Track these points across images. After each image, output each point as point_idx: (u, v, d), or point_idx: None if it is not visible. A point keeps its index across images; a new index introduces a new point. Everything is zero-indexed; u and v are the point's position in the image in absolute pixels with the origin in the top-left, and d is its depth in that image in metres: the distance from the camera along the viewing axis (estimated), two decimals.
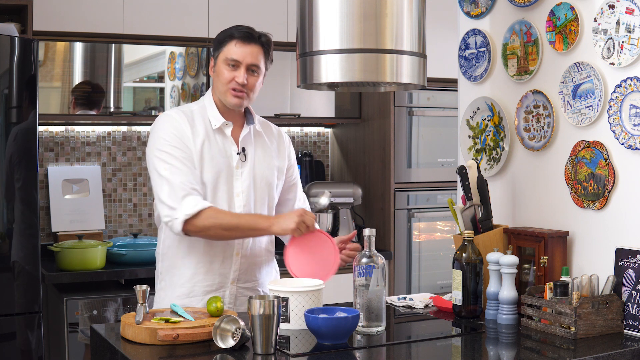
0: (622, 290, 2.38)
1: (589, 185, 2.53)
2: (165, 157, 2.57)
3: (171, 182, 2.53)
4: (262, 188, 2.71)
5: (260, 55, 2.65)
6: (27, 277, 3.23)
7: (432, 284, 4.54)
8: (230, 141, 2.67)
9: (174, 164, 2.56)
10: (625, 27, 2.42)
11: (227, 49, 2.62)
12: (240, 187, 2.66)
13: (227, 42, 2.63)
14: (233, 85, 2.61)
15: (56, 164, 4.17)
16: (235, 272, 2.67)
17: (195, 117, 2.66)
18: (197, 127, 2.63)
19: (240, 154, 2.67)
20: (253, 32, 2.64)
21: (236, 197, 2.65)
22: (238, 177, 2.66)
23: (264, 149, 2.74)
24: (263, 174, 2.71)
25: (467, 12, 2.97)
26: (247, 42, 2.62)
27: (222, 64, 2.63)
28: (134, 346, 2.20)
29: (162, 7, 4.06)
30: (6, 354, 3.22)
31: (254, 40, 2.63)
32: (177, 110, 2.68)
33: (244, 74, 2.61)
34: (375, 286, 2.32)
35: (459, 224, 2.70)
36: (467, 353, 2.32)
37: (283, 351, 2.14)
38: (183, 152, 2.58)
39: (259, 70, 2.65)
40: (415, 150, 4.51)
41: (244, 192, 2.66)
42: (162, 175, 2.55)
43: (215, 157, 2.63)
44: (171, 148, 2.58)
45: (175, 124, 2.62)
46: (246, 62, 2.61)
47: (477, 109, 2.92)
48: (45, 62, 3.90)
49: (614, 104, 2.46)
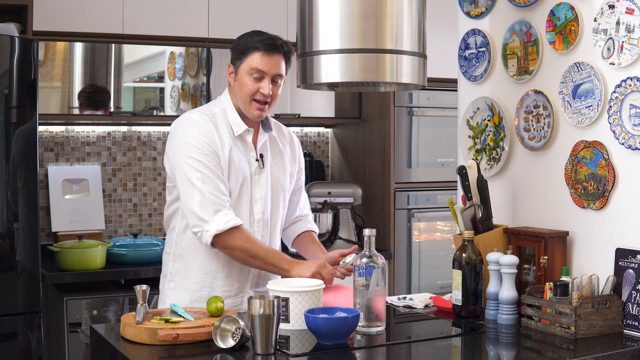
0: (622, 290, 2.38)
1: (589, 185, 2.53)
2: (196, 164, 2.53)
3: (203, 193, 2.50)
4: (278, 194, 2.71)
5: (284, 65, 2.63)
6: (27, 277, 3.23)
7: (432, 284, 4.54)
8: (250, 147, 2.66)
9: (206, 173, 2.52)
10: (625, 27, 2.42)
11: (251, 59, 2.58)
12: (259, 194, 2.66)
13: (251, 53, 2.59)
14: (258, 97, 2.59)
15: (56, 164, 4.17)
16: (254, 278, 2.68)
17: (219, 121, 2.62)
18: (222, 132, 2.60)
19: (258, 160, 2.67)
20: (276, 42, 2.61)
21: (254, 203, 2.65)
22: (256, 184, 2.66)
23: (279, 154, 2.75)
24: (278, 179, 2.71)
25: (467, 12, 2.97)
26: (272, 53, 2.59)
27: (246, 75, 2.59)
28: (134, 346, 2.20)
29: (162, 7, 4.06)
30: (6, 354, 3.22)
31: (278, 50, 2.60)
32: (201, 114, 2.62)
33: (269, 85, 2.59)
34: (375, 286, 2.32)
35: (459, 224, 2.70)
36: (467, 353, 2.32)
37: (283, 351, 2.14)
38: (213, 159, 2.54)
39: (281, 79, 2.64)
40: (415, 150, 4.51)
41: (262, 199, 2.67)
42: (194, 184, 2.51)
43: (241, 164, 2.61)
44: (202, 155, 2.53)
45: (202, 130, 2.57)
46: (271, 73, 2.59)
47: (477, 109, 2.92)
48: (45, 62, 3.90)
49: (614, 104, 2.46)
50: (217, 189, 2.52)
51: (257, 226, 2.67)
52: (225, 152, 2.58)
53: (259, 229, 2.68)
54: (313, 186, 4.42)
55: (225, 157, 2.58)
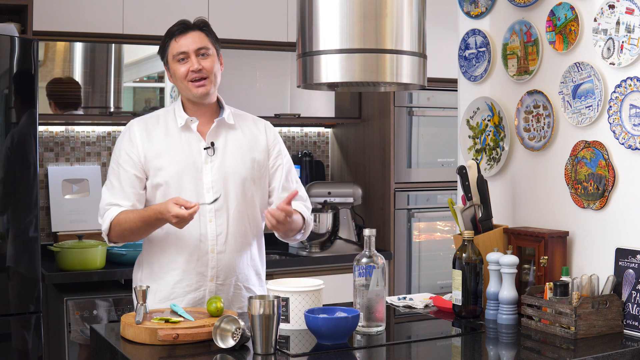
0: (622, 290, 2.38)
1: (589, 185, 2.53)
2: (109, 172, 2.72)
3: (102, 200, 2.69)
4: (236, 182, 2.67)
5: (204, 38, 2.68)
6: (26, 277, 3.23)
7: (432, 284, 4.54)
8: (197, 137, 2.68)
9: (111, 181, 2.69)
10: (625, 27, 2.42)
11: (170, 49, 2.67)
12: (211, 182, 2.65)
13: (168, 43, 2.68)
14: (191, 77, 2.64)
15: (56, 164, 4.17)
16: (213, 270, 2.65)
17: (159, 120, 2.71)
18: (156, 130, 2.68)
19: (208, 148, 2.66)
20: (187, 22, 2.70)
21: (206, 192, 2.64)
22: (208, 172, 2.65)
23: (237, 142, 2.72)
24: (235, 167, 2.68)
25: (467, 12, 2.97)
26: (185, 32, 2.66)
27: (174, 64, 2.67)
28: (134, 346, 2.20)
29: (162, 7, 4.05)
30: (5, 354, 3.22)
31: (190, 28, 2.68)
32: (140, 119, 2.75)
33: (196, 60, 2.63)
34: (375, 286, 2.32)
35: (459, 224, 2.70)
36: (467, 353, 2.32)
37: (283, 351, 2.14)
38: (123, 168, 2.66)
39: (208, 51, 2.66)
40: (415, 150, 4.51)
41: (215, 187, 2.65)
42: (102, 191, 2.71)
43: (174, 157, 2.65)
44: (115, 164, 2.70)
45: (126, 137, 2.70)
46: (192, 49, 2.64)
47: (477, 109, 2.92)
48: (45, 62, 3.90)
49: (614, 104, 2.46)
50: (112, 196, 2.66)
51: (210, 216, 2.64)
52: (153, 149, 2.65)
53: (212, 219, 2.64)
54: (313, 186, 4.42)
55: (152, 153, 2.65)
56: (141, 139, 2.67)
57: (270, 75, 4.35)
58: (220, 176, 2.66)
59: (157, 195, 2.66)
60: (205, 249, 2.64)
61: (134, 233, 2.63)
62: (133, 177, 2.65)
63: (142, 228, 2.60)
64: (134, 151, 2.66)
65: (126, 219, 2.61)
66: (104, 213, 2.67)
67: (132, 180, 2.65)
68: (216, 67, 2.68)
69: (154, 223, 2.58)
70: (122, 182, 2.66)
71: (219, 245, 2.65)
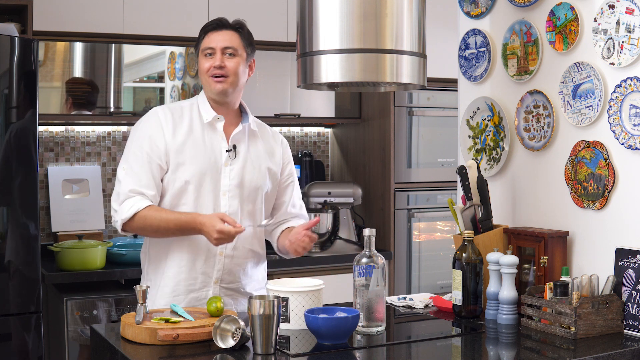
0: (622, 290, 2.38)
1: (589, 185, 2.53)
2: (129, 156, 2.61)
3: (121, 184, 2.59)
4: (250, 189, 2.67)
5: (235, 39, 2.67)
6: (27, 277, 3.23)
7: (432, 284, 4.54)
8: (221, 137, 2.66)
9: (132, 166, 2.59)
10: (625, 27, 2.42)
11: (202, 43, 2.68)
12: (228, 186, 2.64)
13: (202, 37, 2.69)
14: (212, 72, 2.63)
15: (56, 164, 4.17)
16: (219, 272, 2.65)
17: (184, 113, 2.67)
18: (181, 123, 2.64)
19: (230, 151, 2.65)
20: (224, 20, 2.70)
21: (222, 195, 2.63)
22: (226, 175, 2.64)
23: (257, 151, 2.72)
24: (252, 175, 2.68)
25: (467, 12, 2.97)
26: (219, 29, 2.67)
27: (201, 58, 2.67)
28: (134, 346, 2.20)
29: (162, 7, 4.06)
30: (5, 354, 3.22)
31: (226, 26, 2.68)
32: (165, 107, 2.70)
33: (219, 57, 2.63)
34: (375, 286, 2.32)
35: (459, 224, 2.70)
36: (467, 353, 2.32)
37: (283, 351, 2.14)
38: (147, 153, 2.58)
39: (236, 52, 2.66)
40: (415, 150, 4.51)
41: (231, 191, 2.64)
42: (118, 177, 2.61)
43: (197, 155, 2.61)
44: (138, 149, 2.61)
45: (153, 122, 2.63)
46: (220, 47, 2.64)
47: (477, 109, 2.92)
48: (45, 62, 3.90)
49: (614, 104, 2.46)
50: (136, 182, 2.57)
51: None
52: (176, 142, 2.60)
53: None
54: (313, 186, 4.42)
55: (175, 146, 2.59)
56: (167, 129, 2.62)
57: (270, 75, 4.34)
58: (237, 181, 2.65)
59: (171, 192, 2.61)
60: (214, 251, 2.63)
61: (158, 232, 2.57)
62: (157, 166, 2.59)
63: (171, 230, 2.54)
64: (161, 139, 2.60)
65: (156, 217, 2.54)
66: (124, 199, 2.56)
67: (156, 169, 2.59)
68: (241, 69, 2.66)
69: (187, 231, 2.54)
70: (145, 169, 2.58)
71: (228, 249, 2.64)
